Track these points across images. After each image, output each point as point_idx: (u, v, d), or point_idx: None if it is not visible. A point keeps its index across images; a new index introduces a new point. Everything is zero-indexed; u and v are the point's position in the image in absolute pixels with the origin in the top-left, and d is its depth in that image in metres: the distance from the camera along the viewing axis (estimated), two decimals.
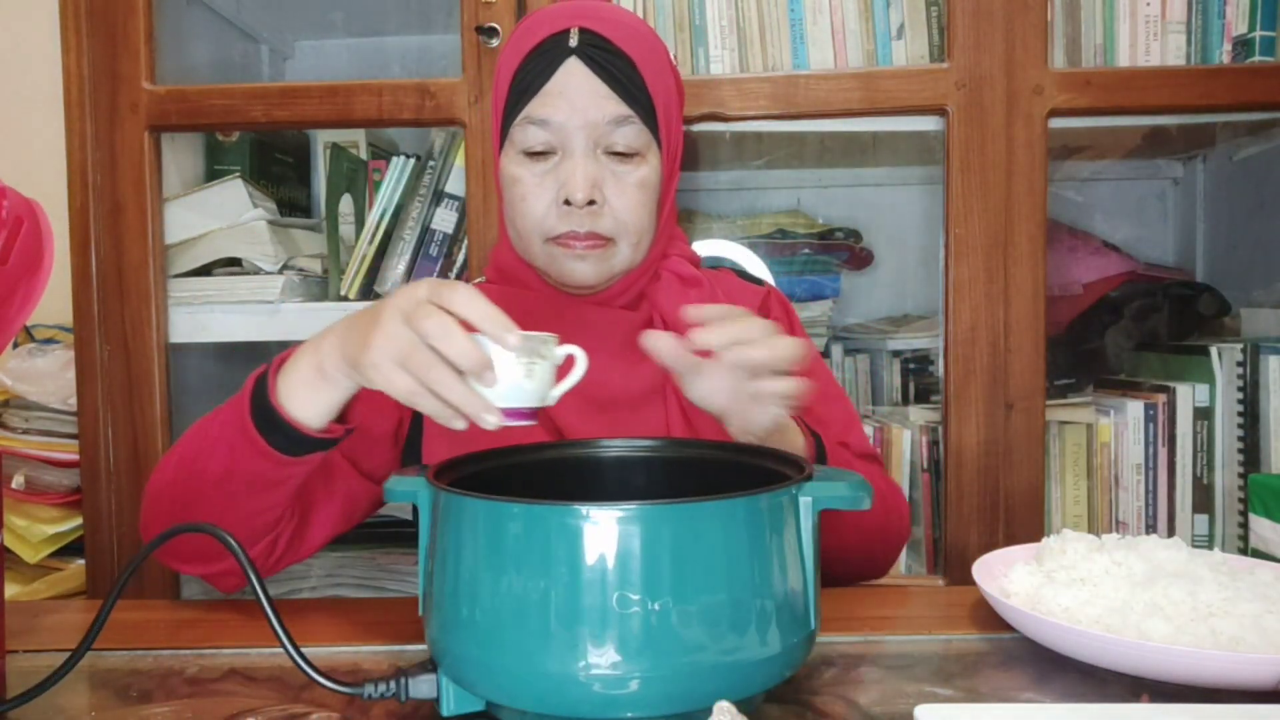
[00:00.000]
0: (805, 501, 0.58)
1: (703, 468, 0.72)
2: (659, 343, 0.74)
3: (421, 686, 0.59)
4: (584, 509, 0.52)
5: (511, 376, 0.66)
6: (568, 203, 0.84)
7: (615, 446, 0.74)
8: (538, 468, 0.73)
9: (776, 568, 0.56)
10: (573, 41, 0.84)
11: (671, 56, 0.91)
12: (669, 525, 0.53)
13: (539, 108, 0.85)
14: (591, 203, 0.84)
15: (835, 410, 0.98)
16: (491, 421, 0.64)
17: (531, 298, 0.92)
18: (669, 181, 0.91)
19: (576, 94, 0.84)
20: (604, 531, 0.52)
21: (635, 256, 0.89)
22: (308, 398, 0.72)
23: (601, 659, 0.52)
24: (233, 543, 0.62)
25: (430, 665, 0.60)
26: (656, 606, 0.52)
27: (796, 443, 0.81)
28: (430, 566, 0.60)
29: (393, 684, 0.59)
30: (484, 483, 0.66)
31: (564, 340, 0.84)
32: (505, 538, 0.54)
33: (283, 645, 0.60)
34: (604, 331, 0.91)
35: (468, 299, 0.64)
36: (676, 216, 0.99)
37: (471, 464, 0.69)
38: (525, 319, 0.90)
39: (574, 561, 0.52)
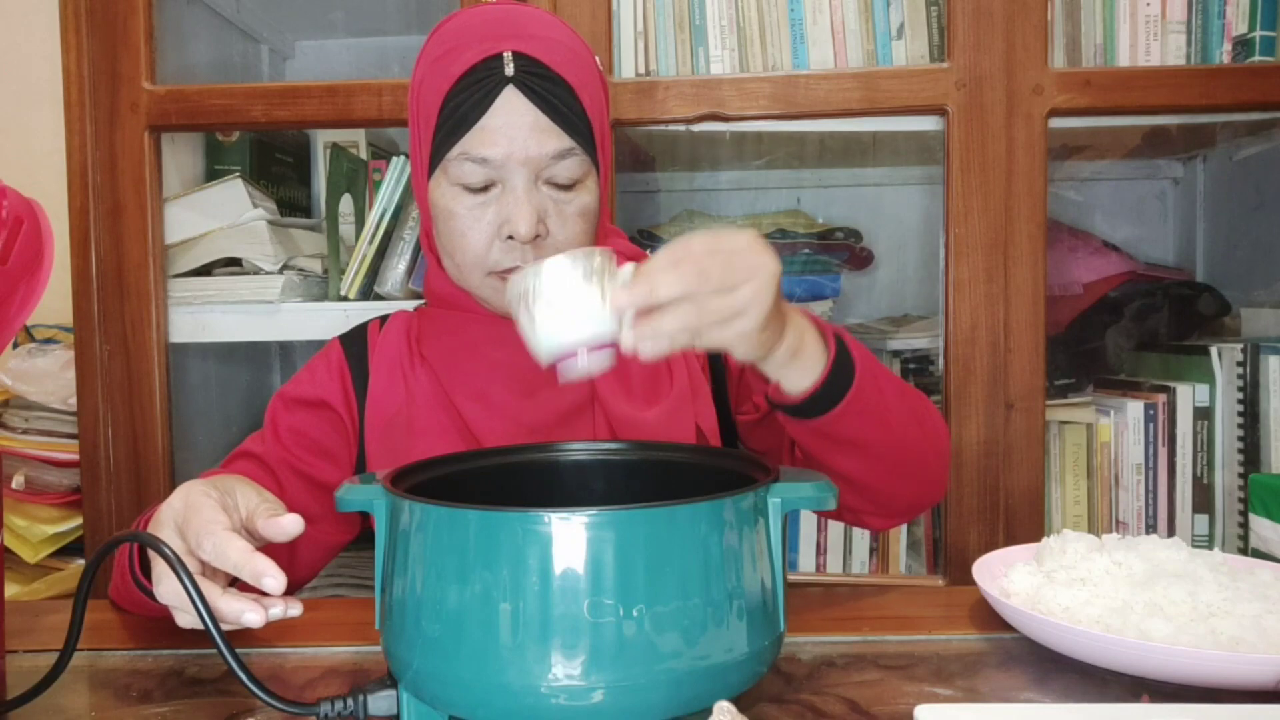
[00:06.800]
0: (774, 503, 0.58)
1: (663, 470, 0.71)
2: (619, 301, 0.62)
3: (380, 703, 0.57)
4: (547, 515, 0.51)
5: (577, 298, 0.60)
6: (511, 237, 0.82)
7: (575, 449, 0.72)
8: (495, 472, 0.71)
9: (748, 571, 0.55)
10: (509, 69, 0.79)
11: (597, 61, 0.87)
12: (637, 531, 0.51)
13: (477, 145, 0.80)
14: (536, 236, 0.82)
15: None
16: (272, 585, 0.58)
17: (471, 321, 0.90)
18: (603, 194, 0.88)
19: (516, 129, 0.80)
20: (569, 538, 0.51)
21: None
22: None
23: (567, 669, 0.50)
24: (168, 552, 0.58)
25: (389, 681, 0.58)
26: (624, 614, 0.51)
27: (813, 347, 0.72)
28: (387, 578, 0.58)
29: (349, 702, 0.57)
30: (441, 489, 0.65)
31: (488, 362, 0.80)
32: (466, 546, 0.52)
33: (226, 661, 0.57)
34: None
35: (216, 553, 0.61)
36: (610, 216, 0.96)
37: (427, 470, 0.67)
38: (464, 343, 0.89)
39: (538, 570, 0.51)
